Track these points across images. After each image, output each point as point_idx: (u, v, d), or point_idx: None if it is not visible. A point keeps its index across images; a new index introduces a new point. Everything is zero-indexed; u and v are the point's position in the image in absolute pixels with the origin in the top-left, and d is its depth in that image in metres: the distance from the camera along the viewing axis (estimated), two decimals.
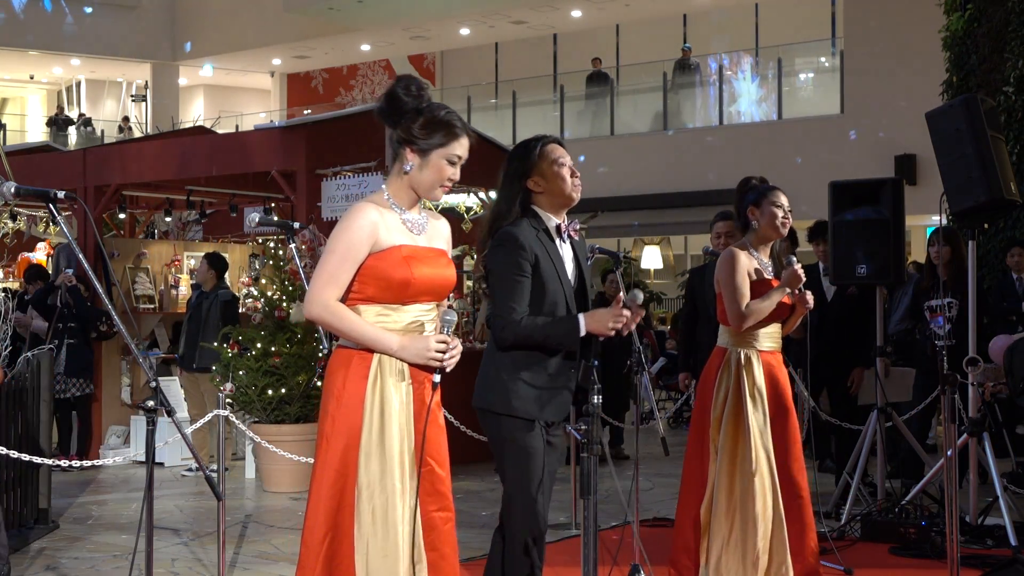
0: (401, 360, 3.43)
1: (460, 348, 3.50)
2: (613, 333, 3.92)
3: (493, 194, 10.96)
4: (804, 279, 4.92)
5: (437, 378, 3.45)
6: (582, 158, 21.20)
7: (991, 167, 6.49)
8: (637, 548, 5.65)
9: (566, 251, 4.14)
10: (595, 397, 3.79)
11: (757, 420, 4.88)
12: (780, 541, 4.84)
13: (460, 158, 3.55)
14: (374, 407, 3.42)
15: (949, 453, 5.08)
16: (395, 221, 3.49)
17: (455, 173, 3.55)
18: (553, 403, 4.03)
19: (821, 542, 6.47)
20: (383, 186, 3.59)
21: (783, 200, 5.02)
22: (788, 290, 4.93)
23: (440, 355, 3.41)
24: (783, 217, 4.99)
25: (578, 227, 4.18)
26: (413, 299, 3.47)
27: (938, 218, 7.08)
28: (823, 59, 21.29)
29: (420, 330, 3.49)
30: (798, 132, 19.16)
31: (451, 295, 3.41)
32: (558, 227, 4.10)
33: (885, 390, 7.24)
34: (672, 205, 20.12)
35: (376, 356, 3.44)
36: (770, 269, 5.06)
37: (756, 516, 4.79)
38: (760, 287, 4.93)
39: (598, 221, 20.63)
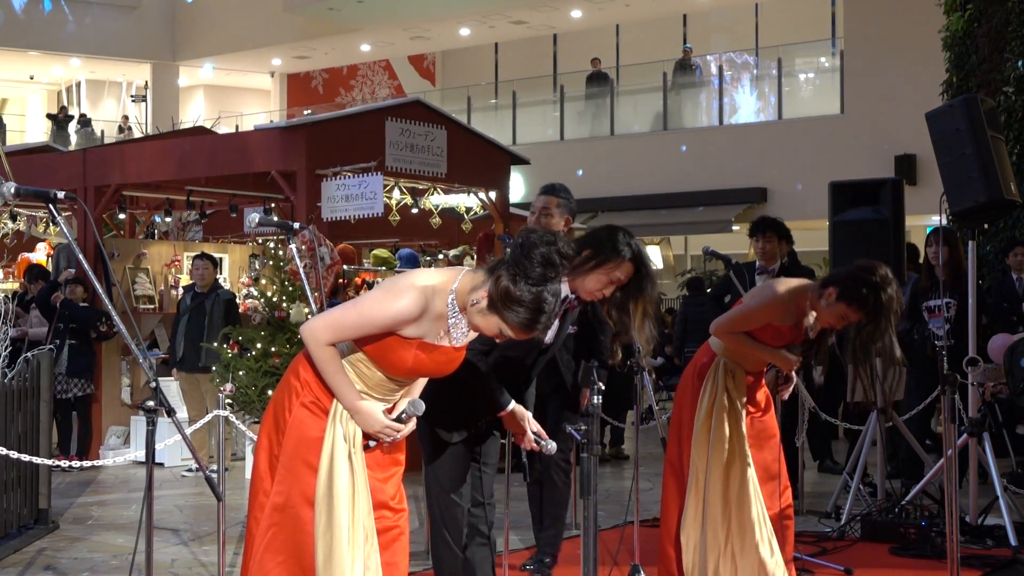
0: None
1: (410, 430, 3.50)
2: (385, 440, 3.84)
3: (493, 195, 11.01)
4: (793, 366, 4.74)
5: (372, 443, 3.46)
6: (580, 172, 21.24)
7: (991, 167, 6.49)
8: (637, 548, 5.65)
9: None
10: (595, 397, 3.80)
11: (738, 425, 4.84)
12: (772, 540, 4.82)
13: (512, 336, 3.32)
14: (333, 446, 3.40)
15: (949, 453, 5.08)
16: (434, 319, 3.34)
17: (504, 336, 3.34)
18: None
19: (821, 541, 6.51)
20: (459, 279, 3.35)
21: (854, 317, 4.45)
22: (779, 366, 4.79)
23: (385, 437, 3.44)
24: (845, 323, 4.52)
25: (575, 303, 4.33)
26: (398, 377, 3.46)
27: (938, 218, 7.08)
28: (823, 59, 21.29)
29: (385, 389, 3.46)
30: (798, 132, 19.17)
31: None
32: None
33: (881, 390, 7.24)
34: (672, 205, 20.13)
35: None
36: (807, 328, 4.76)
37: (753, 521, 4.77)
38: (774, 329, 4.72)
39: (598, 221, 20.70)
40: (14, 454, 6.21)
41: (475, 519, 4.31)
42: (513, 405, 4.09)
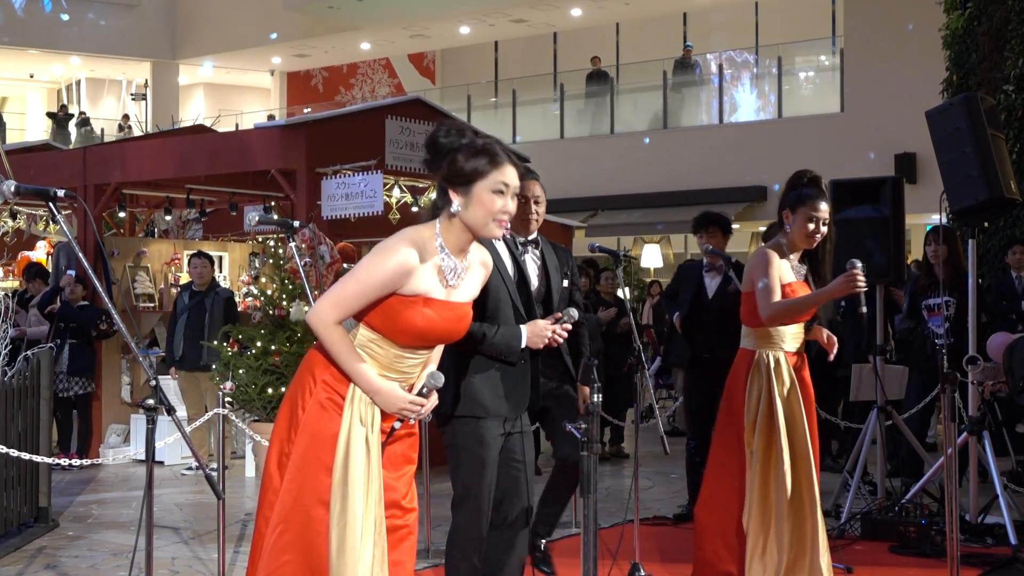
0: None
1: (433, 404, 3.46)
2: (541, 346, 4.13)
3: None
4: (861, 288, 4.70)
5: (398, 424, 3.42)
6: (580, 171, 21.22)
7: (991, 166, 6.49)
8: (637, 546, 5.66)
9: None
10: (595, 396, 3.80)
11: (789, 422, 4.86)
12: (813, 540, 4.83)
13: (508, 187, 3.39)
14: (349, 431, 3.35)
15: (949, 452, 5.08)
16: (431, 270, 3.37)
17: (506, 204, 3.39)
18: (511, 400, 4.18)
19: None
20: (437, 225, 3.42)
21: (821, 211, 4.86)
22: (836, 294, 4.81)
23: (409, 414, 3.40)
24: (814, 230, 4.85)
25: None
26: (412, 346, 3.41)
27: (938, 217, 7.08)
28: (823, 57, 21.29)
29: (401, 365, 3.41)
30: (798, 131, 19.16)
31: None
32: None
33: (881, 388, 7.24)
34: (672, 204, 20.12)
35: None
36: (802, 272, 4.96)
37: (784, 518, 4.79)
38: (785, 290, 4.84)
39: (598, 219, 20.70)
40: (14, 452, 6.22)
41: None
42: (525, 327, 4.15)
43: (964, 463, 7.22)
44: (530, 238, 4.88)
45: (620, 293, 9.82)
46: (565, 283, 4.88)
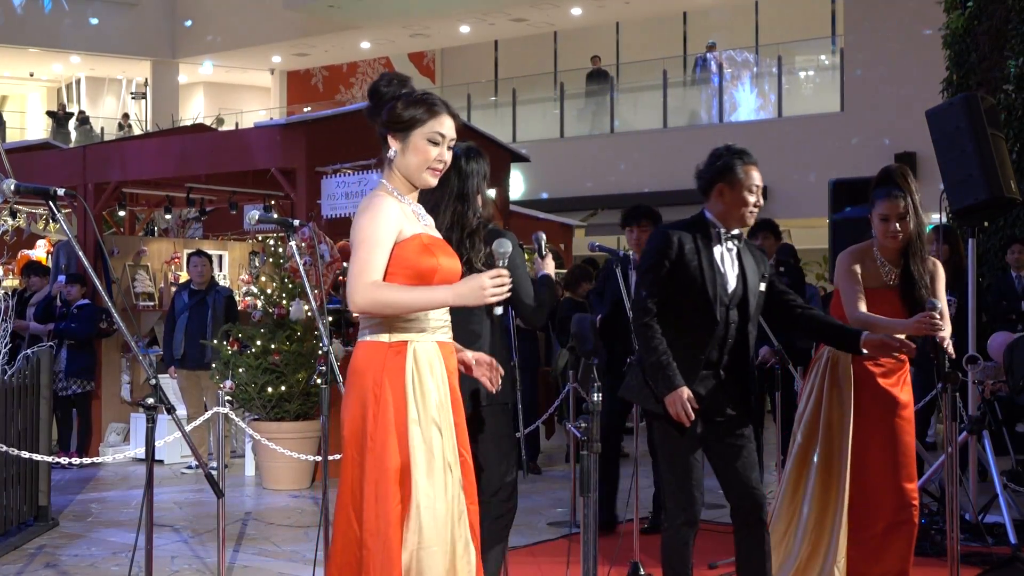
0: (462, 306, 3.32)
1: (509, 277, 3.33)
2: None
3: (493, 192, 10.99)
4: (941, 331, 4.55)
5: (499, 310, 3.36)
6: (579, 170, 21.21)
7: (991, 165, 6.48)
8: (636, 546, 5.65)
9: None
10: (595, 395, 3.80)
11: (828, 423, 4.86)
12: (827, 542, 4.84)
13: (443, 137, 3.45)
14: (417, 402, 3.33)
15: (949, 451, 5.08)
16: (408, 211, 3.45)
17: (441, 153, 3.45)
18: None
19: None
20: (382, 180, 3.51)
21: (886, 209, 4.80)
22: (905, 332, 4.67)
23: (497, 290, 3.26)
24: (889, 229, 4.79)
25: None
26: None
27: (938, 216, 7.08)
28: (823, 57, 21.28)
29: (442, 321, 3.44)
30: (798, 130, 19.15)
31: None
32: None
33: None
34: (672, 203, 20.09)
35: (411, 349, 3.37)
36: (892, 277, 4.89)
37: (804, 516, 4.81)
38: (876, 302, 4.81)
39: (598, 219, 20.70)
40: (14, 451, 6.22)
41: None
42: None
43: (964, 463, 7.22)
44: (735, 233, 4.45)
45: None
46: (762, 286, 4.44)
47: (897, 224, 4.81)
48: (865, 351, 4.51)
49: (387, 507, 3.29)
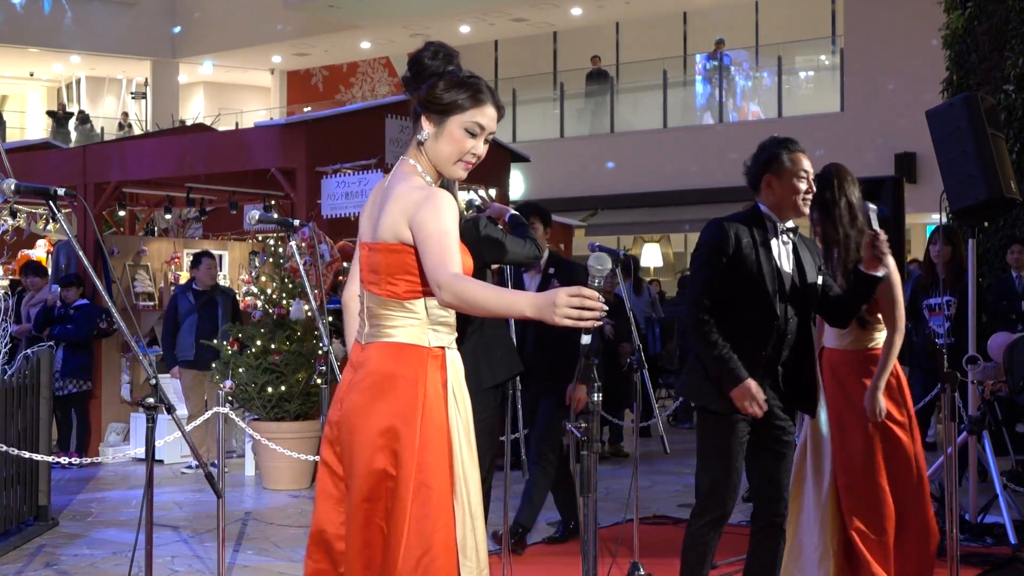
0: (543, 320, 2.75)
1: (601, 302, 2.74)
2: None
3: (493, 192, 10.99)
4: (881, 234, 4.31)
5: (586, 339, 2.81)
6: (579, 170, 21.21)
7: (991, 165, 6.48)
8: (636, 545, 5.66)
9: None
10: (595, 395, 3.80)
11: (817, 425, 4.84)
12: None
13: (483, 129, 3.10)
14: (459, 420, 3.10)
15: (949, 451, 5.08)
16: None
17: (476, 147, 3.10)
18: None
19: None
20: (410, 160, 3.13)
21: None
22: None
23: (570, 311, 2.69)
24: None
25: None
26: None
27: (938, 216, 7.08)
28: (823, 57, 21.29)
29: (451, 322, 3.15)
30: (798, 130, 19.14)
31: None
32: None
33: None
34: (672, 203, 20.12)
35: (449, 357, 3.11)
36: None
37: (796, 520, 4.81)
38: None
39: (598, 219, 20.70)
40: (14, 451, 6.22)
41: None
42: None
43: (964, 463, 7.22)
44: (790, 225, 4.26)
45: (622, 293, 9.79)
46: (820, 279, 4.30)
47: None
48: (873, 273, 4.25)
49: (450, 533, 3.03)
